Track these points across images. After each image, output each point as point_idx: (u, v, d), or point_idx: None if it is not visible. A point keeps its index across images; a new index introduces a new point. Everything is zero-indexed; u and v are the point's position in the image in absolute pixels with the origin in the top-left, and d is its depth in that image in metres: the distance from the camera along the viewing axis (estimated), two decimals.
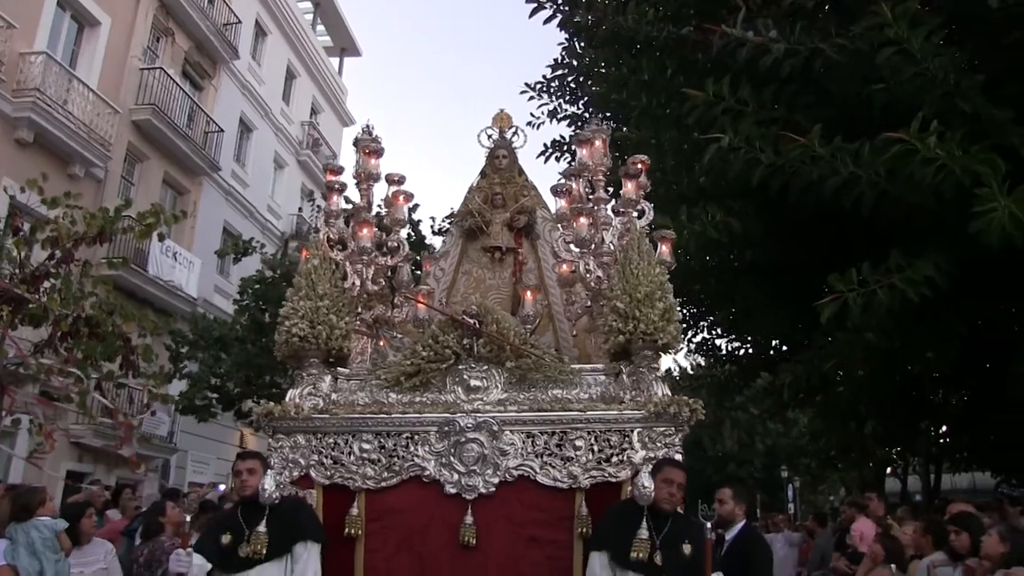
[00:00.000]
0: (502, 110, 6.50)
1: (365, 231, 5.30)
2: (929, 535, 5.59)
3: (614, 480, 4.49)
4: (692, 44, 7.03)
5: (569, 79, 11.37)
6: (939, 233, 6.14)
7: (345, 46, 29.42)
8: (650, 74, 8.03)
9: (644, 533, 4.04)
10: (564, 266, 5.35)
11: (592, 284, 5.11)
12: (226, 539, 4.31)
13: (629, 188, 5.20)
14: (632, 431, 4.54)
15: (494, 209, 6.17)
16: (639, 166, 5.30)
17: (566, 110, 11.74)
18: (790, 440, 25.01)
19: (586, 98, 11.26)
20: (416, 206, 17.01)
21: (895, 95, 5.86)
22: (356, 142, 5.73)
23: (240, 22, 21.05)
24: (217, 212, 20.67)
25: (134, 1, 17.35)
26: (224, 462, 20.24)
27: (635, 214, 5.18)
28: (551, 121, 11.85)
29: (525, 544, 4.50)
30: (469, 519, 4.48)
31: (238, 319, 15.37)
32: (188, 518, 5.14)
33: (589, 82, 10.97)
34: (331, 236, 5.43)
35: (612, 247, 5.12)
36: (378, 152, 5.62)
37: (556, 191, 5.65)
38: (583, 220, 5.11)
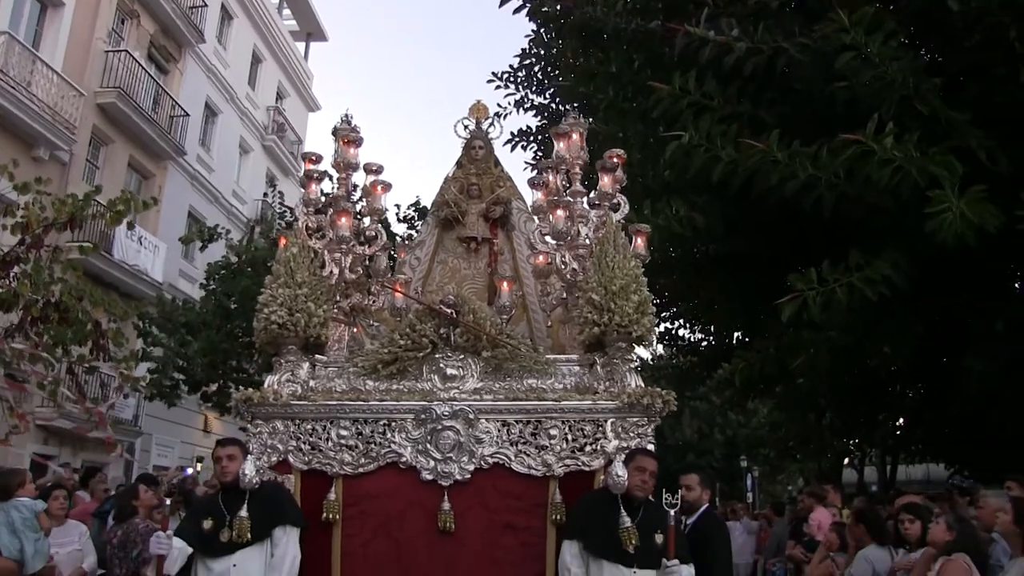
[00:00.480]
0: (479, 101, 6.54)
1: (343, 220, 5.32)
2: (862, 524, 5.69)
3: (587, 469, 4.56)
4: (659, 38, 7.10)
5: (536, 69, 11.47)
6: (897, 232, 6.30)
7: (311, 31, 29.22)
8: (617, 66, 8.10)
9: (627, 522, 4.13)
10: (540, 257, 5.38)
11: (568, 276, 5.16)
12: (207, 524, 4.36)
13: (605, 182, 5.25)
14: (606, 421, 4.62)
15: (470, 199, 6.18)
16: (615, 160, 5.36)
17: (532, 100, 11.86)
18: (749, 430, 25.46)
19: (553, 89, 11.36)
20: (418, 201, 17.12)
21: (857, 94, 6.00)
22: (335, 131, 5.74)
23: (206, 5, 20.84)
24: (183, 197, 20.50)
25: None
26: (188, 445, 20.17)
27: (611, 207, 5.25)
28: (518, 111, 11.97)
29: (500, 530, 4.57)
30: (447, 505, 4.56)
31: (205, 304, 15.33)
32: (168, 501, 5.21)
33: (556, 73, 11.04)
34: (309, 225, 5.46)
35: (588, 240, 5.17)
36: (357, 141, 5.65)
37: (533, 183, 5.73)
38: (560, 213, 5.15)
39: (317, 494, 4.65)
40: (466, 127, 6.42)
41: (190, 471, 12.11)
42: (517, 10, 8.59)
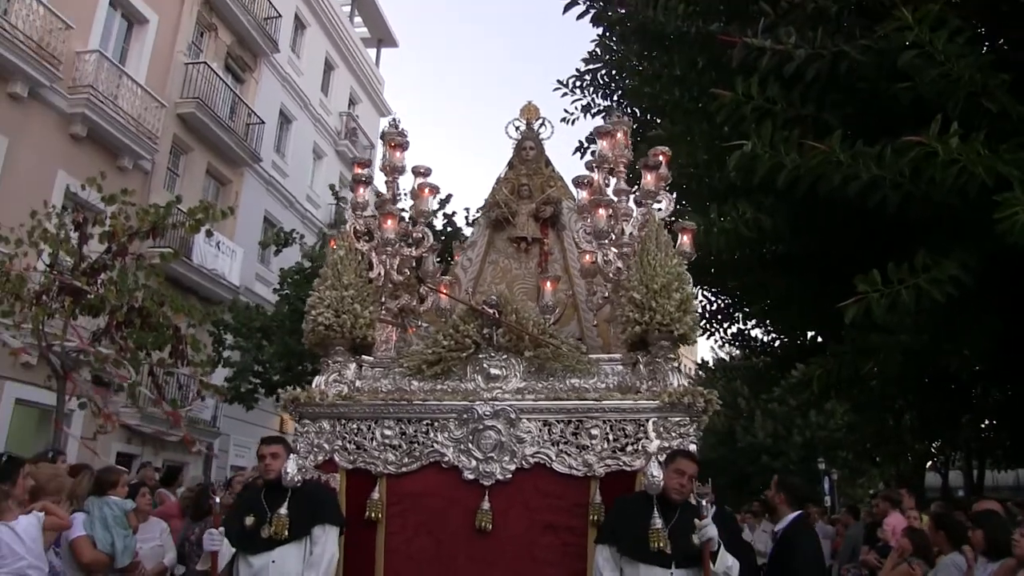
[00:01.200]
0: (529, 102, 6.57)
1: (389, 223, 5.37)
2: (942, 531, 5.55)
3: (629, 469, 4.52)
4: (721, 42, 7.08)
5: (602, 73, 11.46)
6: (966, 231, 6.08)
7: (382, 37, 29.70)
8: (681, 69, 8.07)
9: (658, 523, 4.07)
10: (586, 257, 5.37)
11: (611, 275, 5.10)
12: (249, 520, 4.46)
13: (648, 179, 5.21)
14: (647, 421, 4.58)
15: (520, 200, 6.21)
16: (660, 157, 5.31)
17: (599, 105, 11.84)
18: (827, 432, 24.75)
19: (619, 92, 11.32)
20: (449, 196, 17.28)
21: (921, 93, 5.82)
22: (383, 135, 5.83)
23: (280, 16, 21.44)
24: (258, 202, 21.15)
25: None
26: None
27: (655, 205, 5.18)
28: (585, 116, 11.98)
29: (540, 530, 4.57)
30: (486, 504, 4.57)
31: (279, 309, 15.81)
32: (218, 499, 5.32)
33: (623, 75, 11.01)
34: (357, 227, 5.52)
35: (631, 239, 5.11)
36: (403, 145, 5.70)
37: (578, 183, 5.71)
38: (601, 211, 5.11)
39: (361, 493, 4.73)
40: (517, 128, 6.47)
41: None
42: (580, 16, 8.60)
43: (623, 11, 7.93)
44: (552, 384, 4.82)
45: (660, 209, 5.22)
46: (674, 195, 5.53)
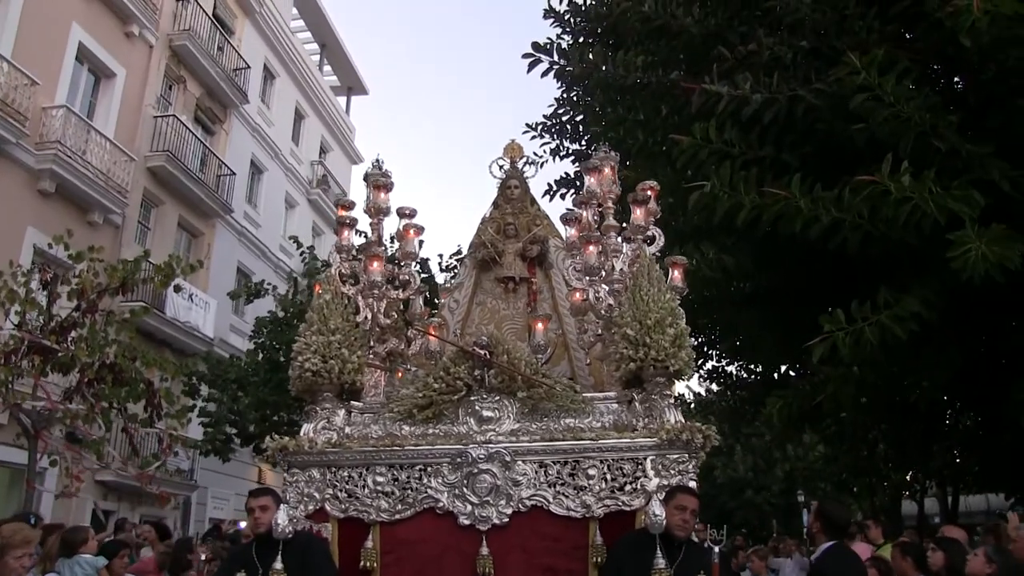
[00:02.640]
0: (513, 140, 6.49)
1: (375, 265, 5.27)
2: (909, 557, 5.63)
3: (628, 509, 4.43)
4: (681, 91, 7.27)
5: (567, 119, 11.68)
6: (924, 267, 6.27)
7: (352, 85, 30.01)
8: (645, 114, 8.28)
9: (661, 562, 3.98)
10: (576, 295, 5.30)
11: (603, 312, 5.05)
12: None
13: (638, 215, 5.17)
14: (645, 459, 4.50)
15: (507, 239, 6.13)
16: (648, 192, 5.26)
17: (568, 148, 12.04)
18: (806, 464, 24.93)
19: (588, 136, 11.53)
20: (421, 243, 17.34)
21: (875, 134, 6.01)
22: (366, 177, 5.73)
23: (249, 67, 21.58)
24: (231, 253, 21.07)
25: (147, 51, 17.90)
26: (243, 498, 20.37)
27: (644, 240, 5.14)
28: (554, 159, 12.15)
29: (540, 574, 4.47)
30: (485, 550, 4.45)
31: (253, 359, 15.70)
32: (203, 557, 5.25)
33: (588, 121, 11.24)
34: (343, 271, 5.43)
35: (622, 275, 5.07)
36: (388, 186, 5.62)
37: (566, 220, 5.65)
38: (591, 248, 5.06)
39: (354, 542, 4.60)
40: (501, 167, 6.39)
41: (244, 524, 12.35)
42: (544, 74, 8.78)
43: (583, 65, 8.12)
44: (547, 424, 4.73)
45: (651, 244, 5.21)
46: (660, 230, 5.47)
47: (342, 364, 4.83)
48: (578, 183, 11.59)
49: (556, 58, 8.33)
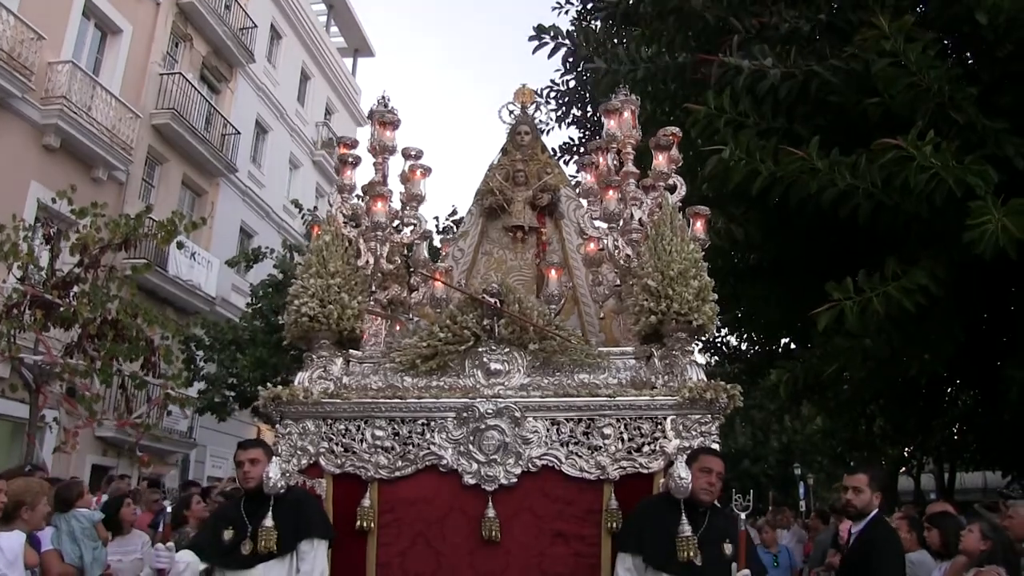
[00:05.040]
0: (524, 85, 6.20)
1: (379, 205, 4.94)
2: (914, 532, 5.59)
3: (646, 471, 4.16)
4: (693, 69, 7.20)
5: (574, 87, 11.60)
6: (934, 241, 6.25)
7: (358, 47, 29.69)
8: (653, 88, 8.23)
9: (687, 530, 3.71)
10: (591, 244, 4.99)
11: (621, 262, 4.75)
12: (228, 535, 4.03)
13: (660, 160, 4.86)
14: (665, 418, 4.22)
15: (516, 187, 5.81)
16: (671, 137, 4.96)
17: (574, 114, 11.96)
18: (804, 437, 25.11)
19: (592, 104, 11.45)
20: (454, 211, 17.40)
21: (890, 108, 5.98)
22: (371, 114, 5.36)
23: (256, 26, 21.37)
24: (234, 212, 21.03)
25: (154, 8, 17.71)
26: None
27: (667, 188, 4.84)
28: (560, 126, 12.10)
29: (550, 539, 4.21)
30: (491, 512, 4.20)
31: (249, 321, 15.75)
32: (168, 509, 4.99)
33: (595, 89, 11.17)
34: (344, 212, 5.07)
35: (642, 224, 4.77)
36: (394, 124, 5.22)
37: (582, 165, 5.35)
38: (611, 193, 4.74)
39: (350, 500, 4.33)
40: (511, 112, 6.07)
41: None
42: (551, 54, 8.66)
43: (592, 45, 8.02)
44: (559, 380, 4.43)
45: (673, 192, 4.89)
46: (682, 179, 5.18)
47: (341, 309, 4.54)
48: (581, 149, 11.57)
49: (560, 40, 8.25)
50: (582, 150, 11.51)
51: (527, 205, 5.80)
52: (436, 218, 17.46)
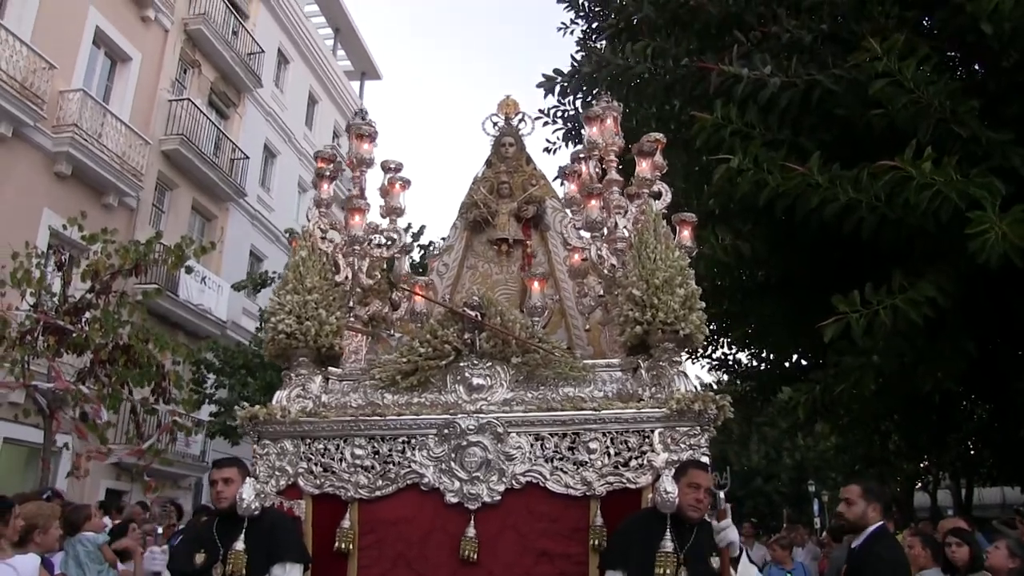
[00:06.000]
0: (508, 96, 6.10)
1: (357, 219, 4.86)
2: (928, 549, 5.45)
3: (633, 486, 4.05)
4: (695, 77, 7.21)
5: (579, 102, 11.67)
6: (940, 253, 6.20)
7: (365, 70, 29.97)
8: (657, 104, 8.26)
9: (668, 545, 3.59)
10: (575, 255, 4.91)
11: (606, 271, 4.67)
12: (199, 558, 3.90)
13: (644, 167, 4.77)
14: (652, 431, 4.10)
15: (500, 199, 5.72)
16: (654, 143, 4.89)
17: (581, 134, 12.00)
18: (817, 454, 24.92)
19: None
20: (423, 228, 17.57)
21: (894, 120, 5.96)
22: (348, 127, 5.33)
23: (263, 51, 21.64)
24: (244, 236, 21.21)
25: (163, 35, 17.98)
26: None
27: (651, 195, 4.77)
28: (567, 145, 12.15)
29: (535, 558, 4.09)
30: (471, 531, 4.08)
31: (260, 346, 15.87)
32: (137, 530, 5.09)
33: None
34: (321, 226, 4.97)
35: (626, 232, 4.68)
36: (371, 136, 5.18)
37: (564, 173, 5.22)
38: (593, 202, 4.67)
39: (330, 521, 4.23)
40: (495, 124, 5.98)
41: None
42: (562, 93, 8.77)
43: (596, 62, 8.09)
44: (543, 393, 4.33)
45: (657, 199, 4.80)
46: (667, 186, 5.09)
47: (319, 326, 4.45)
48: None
49: (568, 77, 8.32)
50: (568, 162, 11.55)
51: (512, 217, 5.70)
52: (443, 240, 17.59)
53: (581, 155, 5.26)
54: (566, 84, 8.61)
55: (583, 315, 5.23)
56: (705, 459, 4.01)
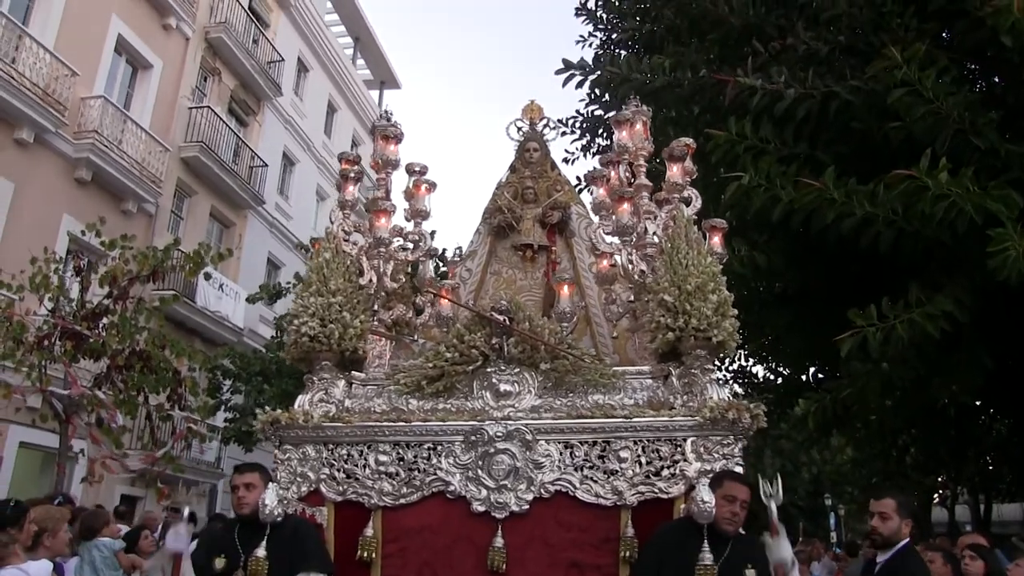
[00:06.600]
0: (532, 101, 6.05)
1: (383, 221, 4.80)
2: (949, 565, 5.53)
3: (665, 496, 3.97)
4: (712, 88, 7.21)
5: (597, 114, 11.65)
6: (958, 267, 6.18)
7: (384, 79, 30.07)
8: (676, 112, 8.24)
9: (708, 558, 3.50)
10: (603, 261, 4.81)
11: (636, 277, 4.59)
12: (220, 563, 3.83)
13: (674, 172, 4.71)
14: (685, 440, 4.03)
15: (525, 205, 5.67)
16: (685, 148, 4.82)
17: (599, 144, 12.01)
18: (834, 467, 24.77)
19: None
20: (432, 233, 17.51)
21: (912, 132, 5.93)
22: (373, 128, 5.29)
23: (283, 60, 21.76)
24: (262, 244, 21.27)
25: (184, 43, 18.12)
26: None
27: (681, 200, 4.70)
28: (585, 156, 12.14)
29: (564, 570, 4.00)
30: (499, 541, 4.00)
31: (276, 352, 15.87)
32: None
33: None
34: (345, 228, 4.93)
35: (656, 238, 4.61)
36: (397, 137, 5.13)
37: (592, 178, 5.15)
38: (625, 206, 4.60)
39: (353, 529, 4.15)
40: (519, 129, 5.94)
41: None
42: (579, 85, 8.73)
43: (613, 71, 8.09)
44: (572, 401, 4.24)
45: (688, 205, 4.72)
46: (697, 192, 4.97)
47: (343, 329, 4.38)
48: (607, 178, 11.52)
49: (586, 72, 8.30)
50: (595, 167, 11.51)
51: (536, 223, 5.64)
52: (459, 248, 17.53)
53: (611, 159, 5.18)
54: (583, 78, 8.56)
55: (610, 322, 5.13)
56: (739, 468, 3.94)
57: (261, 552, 3.77)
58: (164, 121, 17.37)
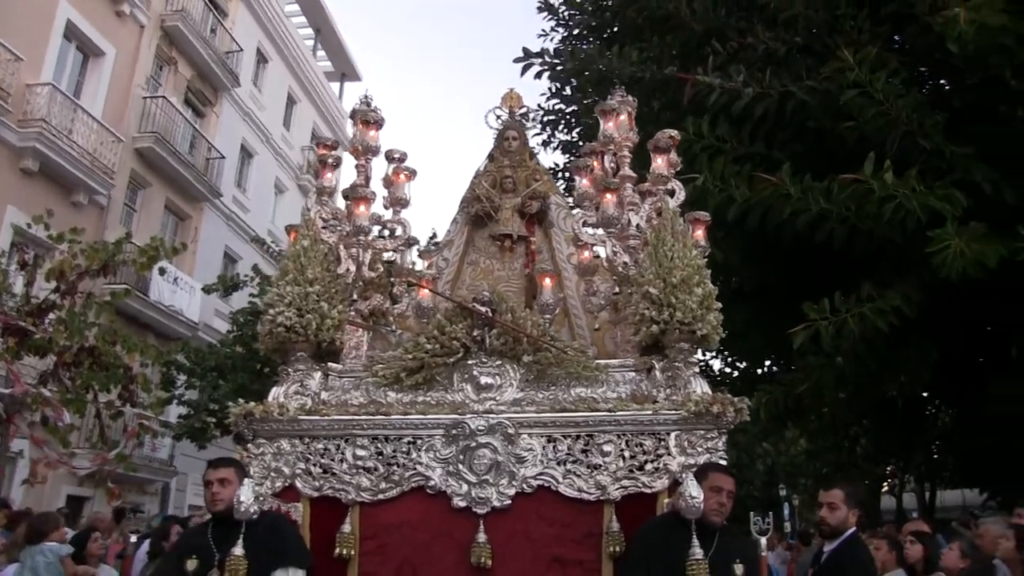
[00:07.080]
0: (512, 89, 5.93)
1: (362, 208, 4.68)
2: (894, 552, 5.65)
3: (648, 491, 3.94)
4: (675, 84, 7.31)
5: (558, 109, 11.67)
6: (907, 263, 6.40)
7: (345, 71, 29.78)
8: (637, 109, 8.29)
9: (698, 552, 3.47)
10: (584, 252, 4.78)
11: (619, 269, 4.55)
12: (191, 564, 3.67)
13: (659, 163, 4.66)
14: (668, 434, 3.99)
15: (503, 194, 5.57)
16: (670, 140, 4.74)
17: (559, 139, 12.03)
18: (788, 459, 25.29)
19: (580, 128, 11.50)
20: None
21: (864, 132, 6.14)
22: (353, 113, 5.16)
23: (242, 50, 21.37)
24: (218, 237, 20.89)
25: (138, 31, 17.66)
26: None
27: (666, 192, 4.64)
28: (545, 150, 12.14)
29: (546, 565, 3.95)
30: (482, 537, 3.93)
31: (232, 347, 15.56)
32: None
33: (581, 112, 11.22)
34: (323, 216, 4.80)
35: (640, 230, 4.56)
36: (377, 123, 5.01)
37: (576, 168, 5.03)
38: (609, 196, 4.54)
39: (329, 525, 4.05)
40: (498, 117, 5.82)
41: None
42: (537, 75, 8.67)
43: (576, 62, 8.08)
44: (555, 394, 4.20)
45: (672, 197, 4.67)
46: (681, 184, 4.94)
47: (320, 319, 4.26)
48: (566, 174, 11.55)
49: (547, 60, 8.30)
50: (567, 176, 11.52)
51: (515, 213, 5.55)
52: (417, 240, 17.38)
53: (596, 149, 5.11)
54: (545, 68, 8.53)
55: (591, 314, 5.07)
56: (723, 462, 3.92)
57: (239, 550, 3.63)
58: (117, 111, 16.91)
